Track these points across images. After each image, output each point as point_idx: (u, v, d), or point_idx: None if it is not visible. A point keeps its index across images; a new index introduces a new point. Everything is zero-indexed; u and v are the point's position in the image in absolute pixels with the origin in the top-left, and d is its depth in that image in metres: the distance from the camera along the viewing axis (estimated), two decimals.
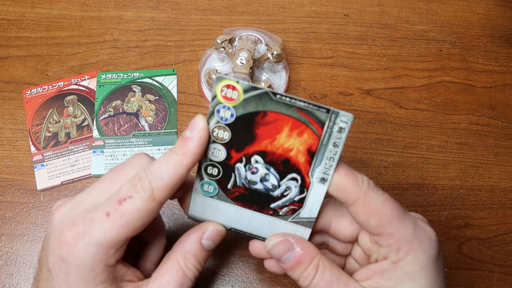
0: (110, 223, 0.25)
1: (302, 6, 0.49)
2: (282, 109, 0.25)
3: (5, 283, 0.36)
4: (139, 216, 0.25)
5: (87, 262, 0.25)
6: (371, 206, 0.26)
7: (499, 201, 0.40)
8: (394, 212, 0.26)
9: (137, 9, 0.48)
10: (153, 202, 0.25)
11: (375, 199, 0.26)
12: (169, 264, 0.27)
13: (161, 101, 0.43)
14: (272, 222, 0.28)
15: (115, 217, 0.25)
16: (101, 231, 0.25)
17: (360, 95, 0.44)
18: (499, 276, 0.37)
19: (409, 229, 0.26)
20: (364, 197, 0.26)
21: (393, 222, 0.26)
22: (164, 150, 0.41)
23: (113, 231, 0.25)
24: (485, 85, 0.45)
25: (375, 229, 0.26)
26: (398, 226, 0.26)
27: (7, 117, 0.42)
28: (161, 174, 0.25)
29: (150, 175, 0.25)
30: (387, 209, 0.26)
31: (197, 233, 0.28)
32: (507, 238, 0.38)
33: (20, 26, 0.47)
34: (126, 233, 0.25)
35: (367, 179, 0.26)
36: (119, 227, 0.25)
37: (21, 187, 0.39)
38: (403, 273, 0.26)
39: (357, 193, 0.26)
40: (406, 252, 0.26)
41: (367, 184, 0.26)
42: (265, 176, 0.27)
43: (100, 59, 0.45)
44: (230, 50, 0.42)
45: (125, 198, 0.25)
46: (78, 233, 0.25)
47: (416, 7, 0.49)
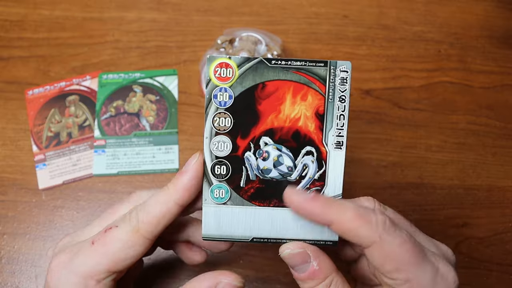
0: (92, 251, 0.24)
1: (302, 7, 0.49)
2: (280, 74, 0.24)
3: (7, 281, 0.36)
4: (120, 247, 0.24)
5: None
6: (386, 250, 0.24)
7: (497, 201, 0.40)
8: (412, 257, 0.24)
9: (138, 10, 0.48)
10: (136, 234, 0.24)
11: (391, 243, 0.23)
12: None
13: (162, 101, 0.44)
14: (297, 215, 0.25)
15: (98, 245, 0.24)
16: (83, 260, 0.24)
17: (360, 95, 0.44)
18: (497, 275, 0.37)
19: (427, 277, 0.24)
20: (379, 241, 0.23)
21: (411, 267, 0.24)
22: (165, 149, 0.41)
23: (93, 260, 0.24)
24: (483, 85, 0.45)
25: (391, 274, 0.24)
26: (416, 273, 0.24)
27: (10, 117, 0.42)
28: (149, 207, 0.25)
29: (139, 207, 0.25)
30: (405, 253, 0.24)
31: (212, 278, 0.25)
32: (505, 237, 0.38)
33: (22, 27, 0.47)
34: (107, 263, 0.24)
35: (382, 219, 0.24)
36: (100, 256, 0.24)
37: (23, 186, 0.39)
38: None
39: (370, 237, 0.23)
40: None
41: (382, 226, 0.24)
42: (278, 159, 0.25)
43: (101, 60, 0.45)
44: (230, 50, 0.42)
45: (111, 227, 0.25)
46: (62, 261, 0.25)
47: (415, 8, 0.50)
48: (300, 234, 0.25)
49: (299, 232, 0.25)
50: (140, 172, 0.40)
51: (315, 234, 0.25)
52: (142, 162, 0.41)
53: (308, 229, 0.25)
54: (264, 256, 0.37)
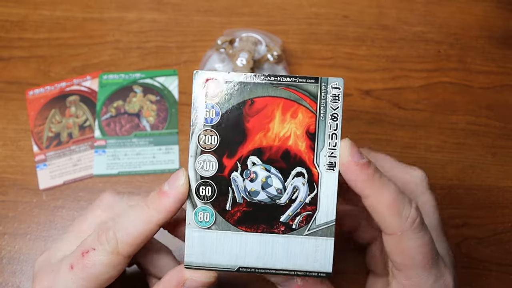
0: (73, 276, 0.24)
1: (302, 7, 0.49)
2: (269, 91, 0.23)
3: (8, 281, 0.36)
4: (102, 270, 0.24)
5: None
6: (403, 246, 0.24)
7: (497, 201, 0.40)
8: (424, 260, 0.24)
9: (138, 11, 0.48)
10: (117, 256, 0.24)
11: (410, 241, 0.24)
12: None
13: (162, 102, 0.44)
14: (286, 243, 0.24)
15: (78, 270, 0.24)
16: (64, 285, 0.24)
17: (359, 95, 0.44)
18: (497, 275, 0.37)
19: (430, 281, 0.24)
20: (400, 235, 0.23)
21: (418, 268, 0.24)
22: (165, 150, 0.41)
23: (75, 285, 0.24)
24: (483, 85, 0.46)
25: (398, 266, 0.25)
26: (421, 275, 0.24)
27: (10, 117, 0.43)
28: (128, 226, 0.24)
29: (117, 226, 0.24)
30: (419, 254, 0.24)
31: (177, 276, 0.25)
32: (504, 237, 0.38)
33: (23, 27, 0.47)
34: (90, 286, 0.24)
35: (414, 216, 0.23)
36: (81, 281, 0.24)
37: (23, 186, 0.40)
38: None
39: (394, 227, 0.23)
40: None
41: (410, 223, 0.23)
42: (266, 180, 0.23)
43: (102, 60, 0.45)
44: (230, 51, 0.42)
45: (88, 251, 0.24)
46: (44, 286, 0.25)
47: (415, 9, 0.50)
48: (290, 264, 0.24)
49: (290, 262, 0.24)
50: (141, 172, 0.40)
51: (307, 265, 0.24)
52: (143, 162, 0.41)
53: (299, 259, 0.24)
54: None
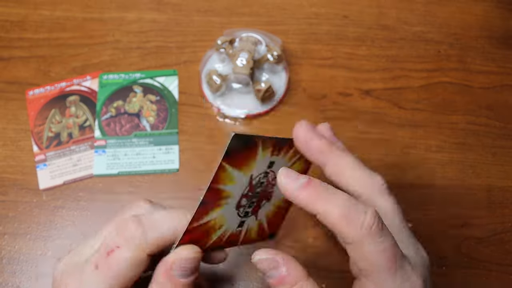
0: (99, 276, 0.24)
1: (302, 7, 0.49)
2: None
3: (8, 281, 0.36)
4: (127, 267, 0.24)
5: None
6: (365, 252, 0.24)
7: (497, 200, 0.40)
8: (387, 264, 0.24)
9: (138, 11, 0.48)
10: (142, 253, 0.24)
11: (371, 247, 0.23)
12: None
13: (162, 102, 0.44)
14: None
15: (103, 269, 0.24)
16: (90, 285, 0.24)
17: (359, 95, 0.44)
18: (497, 275, 0.37)
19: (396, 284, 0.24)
20: (360, 242, 0.23)
21: (382, 273, 0.24)
22: (165, 150, 0.41)
23: (102, 284, 0.24)
24: (483, 85, 0.46)
25: (364, 272, 0.24)
26: (385, 278, 0.24)
27: (10, 117, 0.43)
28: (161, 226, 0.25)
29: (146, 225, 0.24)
30: (381, 259, 0.24)
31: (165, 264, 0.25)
32: (504, 237, 0.38)
33: (23, 27, 0.47)
34: (117, 284, 0.24)
35: (369, 223, 0.23)
36: (109, 279, 0.24)
37: (23, 186, 0.40)
38: None
39: (351, 237, 0.23)
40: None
41: (367, 229, 0.23)
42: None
43: (102, 60, 0.45)
44: (230, 51, 0.42)
45: (113, 249, 0.24)
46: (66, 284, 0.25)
47: (415, 9, 0.50)
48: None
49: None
50: (141, 172, 0.40)
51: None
52: (143, 162, 0.41)
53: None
54: None
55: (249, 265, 0.36)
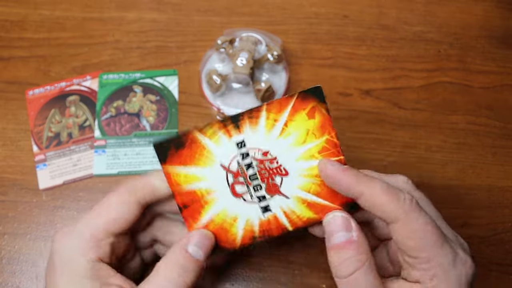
0: (91, 214, 0.27)
1: (302, 7, 0.49)
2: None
3: (8, 281, 0.36)
4: (117, 208, 0.27)
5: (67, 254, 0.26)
6: (411, 228, 0.24)
7: (497, 200, 0.40)
8: (434, 237, 0.24)
9: (138, 11, 0.48)
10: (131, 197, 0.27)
11: (416, 221, 0.24)
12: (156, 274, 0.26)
13: (162, 102, 0.44)
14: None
15: (96, 208, 0.27)
16: (83, 223, 0.27)
17: (359, 95, 0.44)
18: (497, 275, 0.37)
19: (448, 258, 0.25)
20: (405, 218, 0.24)
21: (433, 248, 0.24)
22: None
23: (91, 221, 0.27)
24: (483, 85, 0.45)
25: (412, 252, 0.25)
26: (437, 253, 0.24)
27: (10, 117, 0.43)
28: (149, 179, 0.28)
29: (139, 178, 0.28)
30: (428, 233, 0.24)
31: (181, 242, 0.27)
32: (504, 237, 0.38)
33: (23, 27, 0.47)
34: (104, 223, 0.27)
35: (409, 198, 0.25)
36: (98, 217, 0.27)
37: (23, 186, 0.40)
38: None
39: (397, 212, 0.24)
40: (441, 281, 0.24)
41: (409, 204, 0.24)
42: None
43: (101, 60, 0.45)
44: (230, 51, 0.42)
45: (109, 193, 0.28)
46: (66, 231, 0.27)
47: (415, 9, 0.50)
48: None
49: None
50: (141, 172, 0.40)
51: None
52: (143, 162, 0.41)
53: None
54: (264, 256, 0.37)
55: (249, 266, 0.36)
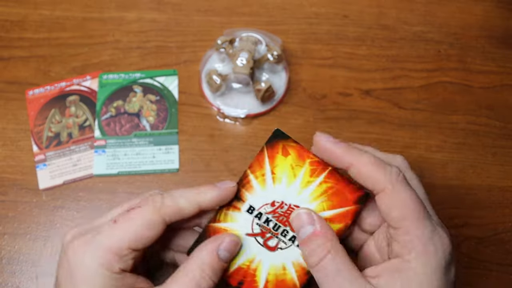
0: (116, 228, 0.26)
1: (302, 7, 0.49)
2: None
3: (7, 281, 0.36)
4: (141, 224, 0.26)
5: (91, 267, 0.26)
6: (397, 198, 0.26)
7: (497, 200, 0.40)
8: (417, 210, 0.26)
9: (138, 11, 0.48)
10: (157, 214, 0.27)
11: (402, 192, 0.26)
12: (183, 274, 0.27)
13: (162, 102, 0.44)
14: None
15: (121, 222, 0.26)
16: (106, 236, 0.26)
17: (359, 95, 0.44)
18: (497, 275, 0.37)
19: (427, 232, 0.26)
20: (392, 188, 0.26)
21: (414, 219, 0.26)
22: (165, 149, 0.41)
23: (116, 236, 0.26)
24: (483, 85, 0.45)
25: (395, 222, 0.26)
26: (418, 225, 0.26)
27: (10, 117, 0.43)
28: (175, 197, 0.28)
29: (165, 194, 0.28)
30: (411, 205, 0.26)
31: (213, 244, 0.28)
32: (504, 237, 0.38)
33: (23, 27, 0.47)
34: (129, 239, 0.26)
35: (396, 171, 0.27)
36: (123, 232, 0.26)
37: (23, 186, 0.40)
38: (413, 275, 0.25)
39: (384, 182, 0.26)
40: (418, 253, 0.25)
41: (395, 176, 0.26)
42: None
43: (101, 60, 0.45)
44: (230, 51, 0.42)
45: (133, 208, 0.27)
46: (85, 241, 0.26)
47: (415, 9, 0.50)
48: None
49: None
50: (140, 172, 0.40)
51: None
52: (142, 162, 0.41)
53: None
54: None
55: None
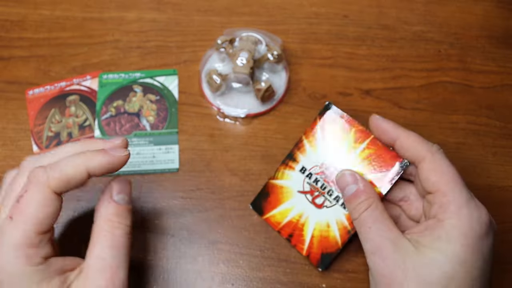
0: (14, 225, 0.25)
1: (302, 7, 0.49)
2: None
3: None
4: (38, 208, 0.25)
5: (14, 270, 0.25)
6: (436, 164, 0.29)
7: (497, 200, 0.40)
8: (454, 177, 0.29)
9: (138, 10, 0.48)
10: (47, 190, 0.26)
11: (441, 160, 0.29)
12: (96, 234, 0.28)
13: (162, 101, 0.44)
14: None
15: (16, 216, 0.25)
16: (10, 236, 0.25)
17: (360, 95, 0.44)
18: (497, 274, 0.37)
19: (463, 197, 0.28)
20: (431, 156, 0.29)
21: (451, 184, 0.28)
22: (165, 149, 0.41)
23: (19, 232, 0.25)
24: (483, 85, 0.45)
25: (433, 185, 0.29)
26: (454, 189, 0.28)
27: (10, 117, 0.43)
28: (61, 166, 0.26)
29: (51, 166, 0.26)
30: (450, 172, 0.29)
31: (106, 195, 0.29)
32: (504, 237, 0.38)
33: (23, 27, 0.47)
34: (32, 227, 0.25)
35: (437, 146, 0.30)
36: (23, 225, 0.25)
37: None
38: (442, 232, 0.27)
39: (425, 152, 0.30)
40: (452, 213, 0.28)
41: (436, 149, 0.30)
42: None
43: (101, 60, 0.45)
44: (230, 50, 0.42)
45: (22, 195, 0.26)
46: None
47: (415, 8, 0.50)
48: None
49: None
50: (140, 172, 0.40)
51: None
52: (142, 162, 0.41)
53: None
54: (264, 256, 0.37)
55: (249, 265, 0.36)
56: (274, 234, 0.37)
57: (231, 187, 0.39)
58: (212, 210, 0.38)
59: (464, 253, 0.27)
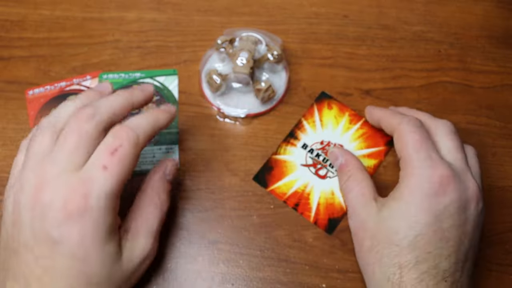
0: (110, 173, 0.28)
1: (302, 7, 0.49)
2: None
3: None
4: (130, 161, 0.29)
5: (105, 214, 0.27)
6: (400, 134, 0.34)
7: (497, 200, 0.40)
8: (414, 143, 0.32)
9: (138, 11, 0.48)
10: (138, 147, 0.29)
11: (405, 130, 0.33)
12: (147, 204, 0.32)
13: (162, 101, 0.44)
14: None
15: (113, 166, 0.28)
16: (105, 183, 0.27)
17: (360, 95, 0.44)
18: (497, 275, 0.37)
19: (420, 159, 0.31)
20: (398, 127, 0.34)
21: (410, 149, 0.32)
22: (165, 149, 0.41)
23: (114, 179, 0.28)
24: (483, 85, 0.46)
25: (399, 152, 0.34)
26: (412, 153, 0.32)
27: (10, 117, 0.43)
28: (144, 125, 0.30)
29: (132, 125, 0.30)
30: (410, 138, 0.33)
31: (160, 172, 0.34)
32: (504, 237, 0.38)
33: (22, 27, 0.47)
34: (124, 178, 0.29)
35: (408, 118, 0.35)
36: (118, 175, 0.28)
37: None
38: (397, 192, 0.32)
39: (396, 124, 0.35)
40: (408, 174, 0.32)
41: (406, 121, 0.34)
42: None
43: (101, 60, 0.45)
44: (230, 50, 0.42)
45: (116, 148, 0.28)
46: (85, 193, 0.27)
47: (415, 8, 0.50)
48: None
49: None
50: (141, 172, 0.40)
51: None
52: (142, 162, 0.41)
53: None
54: (264, 256, 0.37)
55: (249, 265, 0.36)
56: (274, 234, 0.37)
57: (231, 187, 0.39)
58: (212, 210, 0.38)
59: (408, 210, 0.30)
